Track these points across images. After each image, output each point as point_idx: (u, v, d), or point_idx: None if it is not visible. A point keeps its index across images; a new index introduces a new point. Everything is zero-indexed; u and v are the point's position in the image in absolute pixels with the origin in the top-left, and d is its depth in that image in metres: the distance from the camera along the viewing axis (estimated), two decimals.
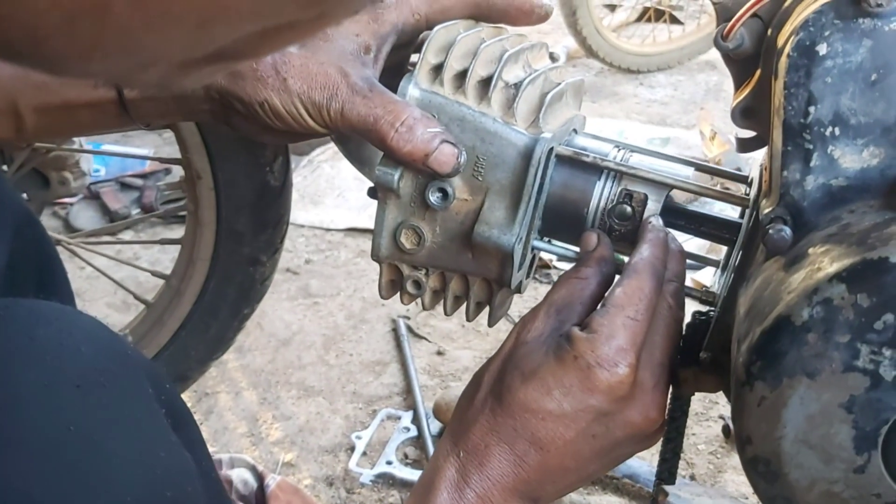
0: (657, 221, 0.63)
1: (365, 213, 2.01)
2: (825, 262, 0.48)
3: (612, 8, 3.68)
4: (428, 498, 0.55)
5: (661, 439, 0.76)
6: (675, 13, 3.32)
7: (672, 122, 2.71)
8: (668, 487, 0.84)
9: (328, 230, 1.98)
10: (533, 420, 0.54)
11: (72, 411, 0.44)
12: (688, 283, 0.65)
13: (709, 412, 1.39)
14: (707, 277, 1.71)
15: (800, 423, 0.48)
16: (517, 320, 0.66)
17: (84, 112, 0.62)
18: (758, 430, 0.50)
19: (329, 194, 2.14)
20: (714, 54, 3.23)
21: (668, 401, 0.74)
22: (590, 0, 2.90)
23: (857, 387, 0.46)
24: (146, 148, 2.31)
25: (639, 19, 3.46)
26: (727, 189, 0.81)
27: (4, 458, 0.42)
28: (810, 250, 0.51)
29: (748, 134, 0.72)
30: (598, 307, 0.57)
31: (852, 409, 0.47)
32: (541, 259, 1.50)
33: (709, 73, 3.15)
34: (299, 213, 2.03)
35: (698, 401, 1.38)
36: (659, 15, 3.26)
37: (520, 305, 1.65)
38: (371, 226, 0.67)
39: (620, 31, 3.26)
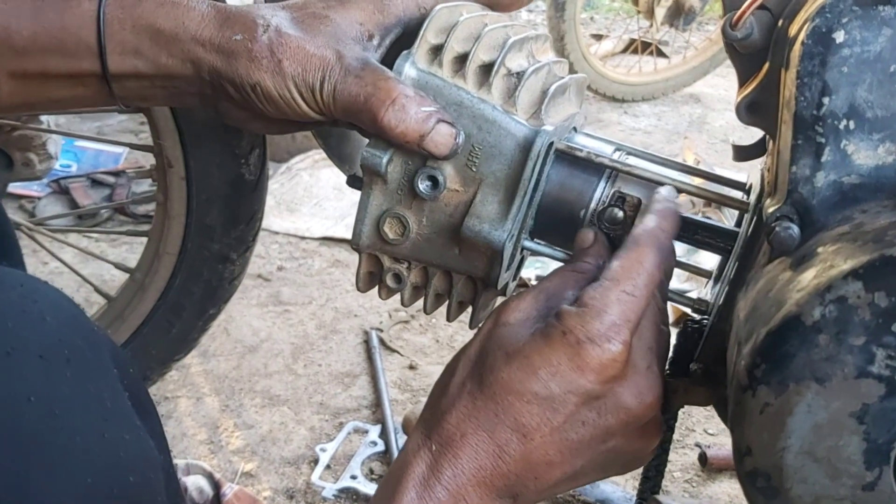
0: (668, 192, 0.58)
1: (342, 223, 1.96)
2: (838, 259, 0.44)
3: (599, 38, 3.70)
4: (394, 499, 0.50)
5: None
6: (661, 47, 3.34)
7: (655, 151, 2.70)
8: (659, 497, 0.80)
9: (303, 238, 1.93)
10: (517, 403, 0.49)
11: (33, 382, 0.40)
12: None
13: (685, 439, 1.36)
14: None
15: (806, 434, 0.44)
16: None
17: (63, 83, 0.58)
18: (759, 441, 0.46)
19: (306, 203, 2.09)
20: (698, 87, 3.25)
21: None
22: (578, 27, 2.90)
23: (870, 395, 0.42)
24: (120, 146, 2.26)
25: (625, 50, 3.48)
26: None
27: None
28: (820, 249, 0.47)
29: (744, 143, 0.70)
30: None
31: (864, 420, 0.43)
32: (519, 278, 1.47)
33: (693, 106, 3.15)
34: (274, 219, 1.98)
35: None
36: (645, 47, 3.28)
37: None
38: (348, 236, 0.63)
39: (606, 60, 3.27)
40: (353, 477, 1.21)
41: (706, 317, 0.64)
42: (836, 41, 0.49)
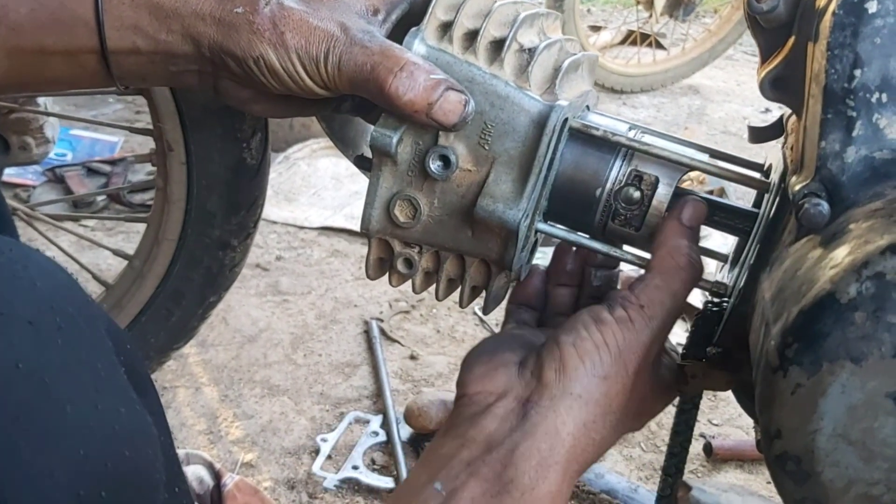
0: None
1: (340, 213, 1.94)
2: (874, 235, 0.43)
3: (597, 29, 3.68)
4: None
5: (670, 433, 0.71)
6: (659, 39, 3.32)
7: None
8: (690, 482, 0.79)
9: (301, 228, 1.91)
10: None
11: (21, 348, 0.38)
12: None
13: None
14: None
15: (839, 415, 0.43)
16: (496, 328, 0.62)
17: (60, 61, 0.56)
18: (789, 423, 0.44)
19: (304, 192, 2.07)
20: (697, 79, 3.24)
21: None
22: (577, 18, 2.88)
23: None
24: (116, 136, 2.23)
25: (623, 42, 3.46)
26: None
27: None
28: (852, 226, 0.46)
29: (760, 123, 0.68)
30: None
31: None
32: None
33: (692, 97, 3.14)
34: (272, 209, 1.96)
35: None
36: (643, 38, 3.26)
37: (497, 315, 1.59)
38: (347, 226, 0.61)
39: (605, 52, 3.25)
40: (355, 467, 1.19)
41: (725, 300, 0.62)
42: (868, 11, 0.47)
